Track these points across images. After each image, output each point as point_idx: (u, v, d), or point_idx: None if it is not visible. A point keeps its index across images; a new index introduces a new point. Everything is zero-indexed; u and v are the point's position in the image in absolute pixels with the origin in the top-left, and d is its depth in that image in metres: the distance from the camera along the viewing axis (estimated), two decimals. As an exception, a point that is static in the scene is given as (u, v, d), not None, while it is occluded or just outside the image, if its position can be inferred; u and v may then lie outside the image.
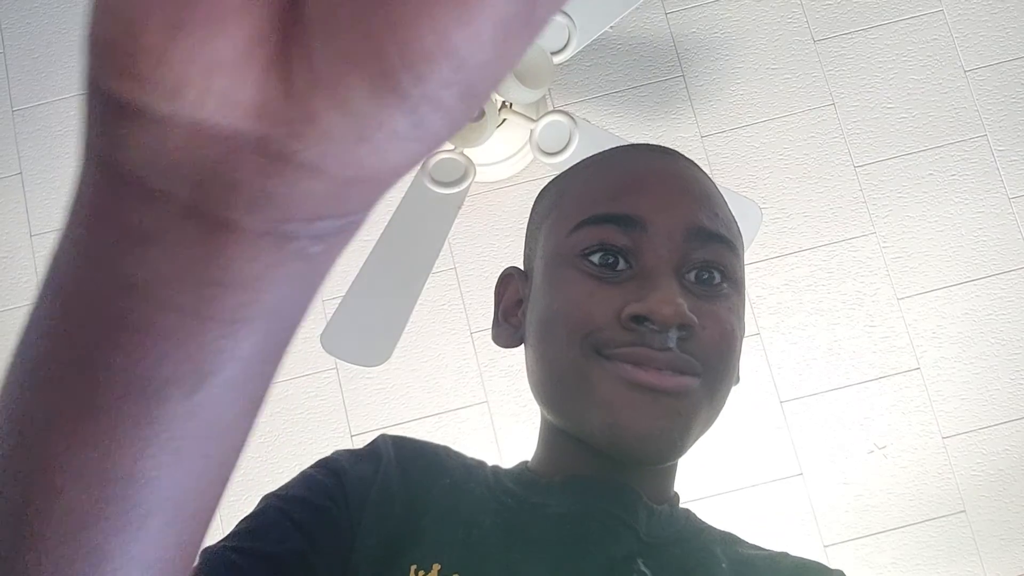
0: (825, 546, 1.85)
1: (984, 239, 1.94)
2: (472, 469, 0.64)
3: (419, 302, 1.67)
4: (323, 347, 1.68)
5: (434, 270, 1.67)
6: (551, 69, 1.53)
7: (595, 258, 0.58)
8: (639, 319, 0.55)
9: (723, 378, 0.58)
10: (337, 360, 1.84)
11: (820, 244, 1.94)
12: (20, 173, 2.01)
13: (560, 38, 1.60)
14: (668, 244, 0.57)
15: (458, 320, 1.92)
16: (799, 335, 1.92)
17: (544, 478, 0.62)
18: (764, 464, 1.88)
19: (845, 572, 0.59)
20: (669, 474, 0.63)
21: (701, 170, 0.64)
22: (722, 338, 0.57)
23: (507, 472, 0.64)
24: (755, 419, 1.90)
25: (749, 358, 1.91)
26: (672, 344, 0.54)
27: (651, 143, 0.67)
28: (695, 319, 0.55)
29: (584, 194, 0.62)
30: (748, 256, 1.85)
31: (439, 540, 0.56)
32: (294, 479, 0.63)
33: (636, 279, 0.57)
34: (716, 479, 1.88)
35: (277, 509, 0.58)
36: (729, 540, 0.62)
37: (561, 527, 0.57)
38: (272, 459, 1.90)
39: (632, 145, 0.66)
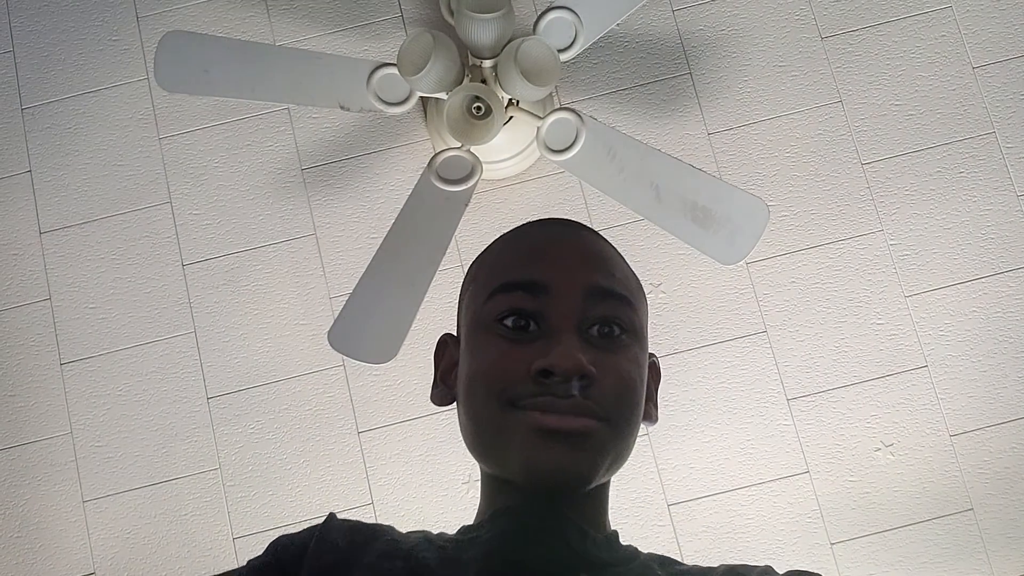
0: (832, 544, 1.85)
1: (992, 236, 1.93)
2: (412, 534, 0.70)
3: (426, 299, 1.67)
4: (330, 344, 1.69)
5: (441, 267, 1.67)
6: (558, 67, 1.53)
7: (508, 322, 0.66)
8: (545, 373, 0.62)
9: (625, 419, 0.65)
10: (344, 357, 1.85)
11: (827, 241, 1.94)
12: (29, 171, 2.02)
13: (567, 36, 1.60)
14: (569, 304, 0.65)
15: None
16: (806, 333, 1.92)
17: (477, 519, 0.70)
18: (771, 461, 1.88)
19: (773, 567, 0.64)
20: (596, 504, 0.69)
21: (601, 237, 0.73)
22: (620, 385, 0.65)
23: (446, 534, 0.71)
24: (762, 416, 1.90)
25: (756, 356, 1.91)
26: (575, 392, 0.62)
27: (556, 217, 0.75)
28: (593, 370, 0.63)
29: (495, 266, 0.70)
30: (755, 253, 1.85)
31: (378, 569, 0.64)
32: (240, 567, 0.70)
33: (543, 338, 0.64)
34: (722, 477, 1.88)
35: None
36: (668, 561, 0.68)
37: (491, 547, 0.64)
38: (280, 455, 1.91)
39: (539, 220, 0.74)
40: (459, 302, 0.76)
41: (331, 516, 0.72)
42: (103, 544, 1.89)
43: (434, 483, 1.89)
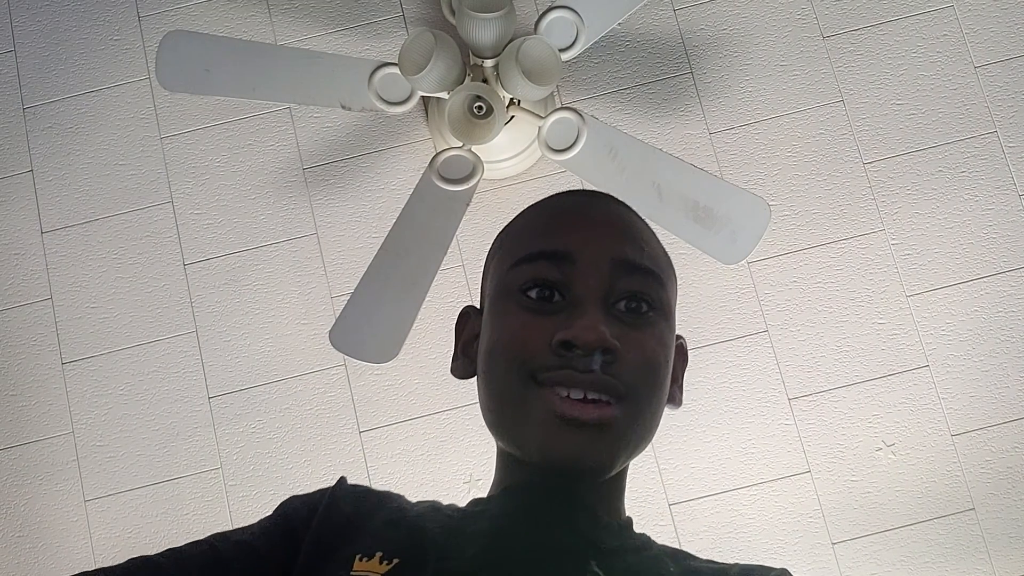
0: (833, 543, 1.84)
1: (994, 236, 1.93)
2: (421, 503, 0.70)
3: (427, 299, 1.67)
4: (332, 344, 1.69)
5: (442, 267, 1.67)
6: (559, 66, 1.53)
7: (533, 293, 0.64)
8: (567, 345, 0.60)
9: (648, 400, 0.63)
10: (346, 357, 1.85)
11: (829, 241, 1.94)
12: (31, 170, 2.02)
13: (568, 35, 1.60)
14: (595, 275, 0.63)
15: (466, 317, 1.92)
16: (807, 332, 1.92)
17: (489, 493, 0.69)
18: (772, 461, 1.88)
19: (790, 571, 0.62)
20: (612, 490, 0.67)
21: (631, 210, 0.71)
22: (644, 362, 0.62)
23: (455, 505, 0.71)
24: (763, 416, 1.89)
25: (757, 355, 1.91)
26: (596, 367, 0.60)
27: (584, 188, 0.71)
28: (617, 344, 0.60)
29: (521, 235, 0.69)
30: (756, 253, 1.85)
31: (383, 537, 0.63)
32: (250, 525, 0.70)
33: (567, 309, 0.62)
34: (724, 476, 1.88)
35: (210, 545, 0.67)
36: (681, 555, 0.66)
37: (497, 524, 0.63)
38: (281, 455, 1.91)
39: (568, 190, 0.73)
40: (484, 271, 0.74)
41: (342, 480, 0.72)
42: (104, 544, 1.89)
43: (435, 483, 1.89)
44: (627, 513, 0.69)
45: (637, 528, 0.68)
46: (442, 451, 1.90)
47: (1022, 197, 1.94)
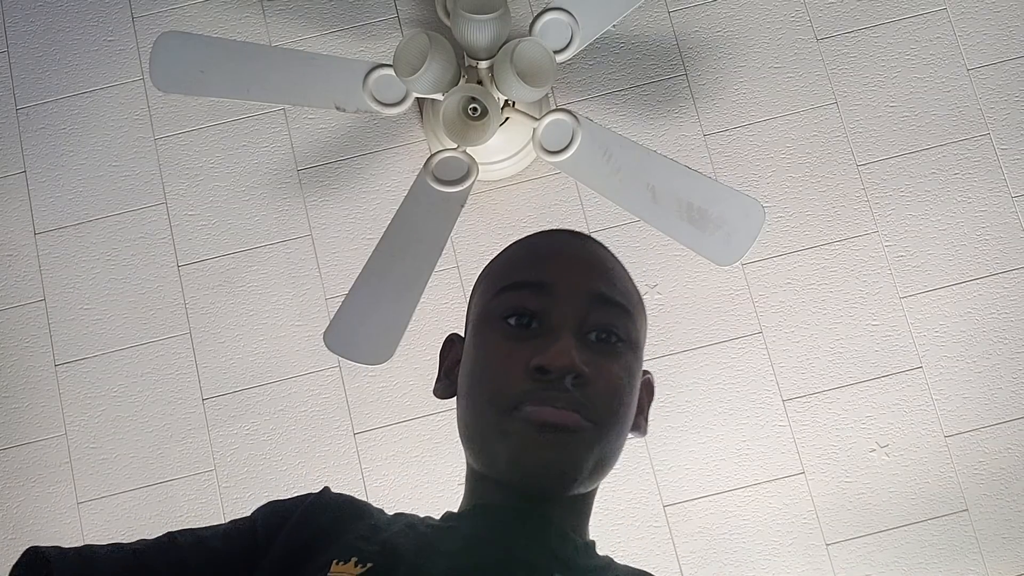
0: (827, 544, 1.85)
1: (987, 238, 1.94)
2: (398, 516, 0.73)
3: (422, 301, 1.67)
4: (326, 345, 1.69)
5: (437, 269, 1.67)
6: (554, 68, 1.53)
7: (512, 319, 0.68)
8: (542, 370, 0.64)
9: (612, 425, 0.67)
10: (340, 359, 1.85)
11: (822, 243, 1.94)
12: (24, 171, 2.01)
13: (563, 37, 1.60)
14: (571, 306, 0.68)
15: (461, 319, 1.92)
16: (801, 334, 1.92)
17: (460, 509, 0.73)
18: (766, 462, 1.89)
19: None
20: (578, 513, 0.71)
21: (607, 250, 0.76)
22: (609, 389, 0.67)
23: (432, 518, 0.74)
24: (757, 417, 1.90)
25: (751, 357, 1.91)
26: (570, 388, 0.64)
27: (566, 228, 0.78)
28: (585, 368, 0.65)
29: (505, 266, 0.74)
30: (750, 254, 1.85)
31: (357, 544, 0.66)
32: (214, 525, 0.72)
33: (543, 336, 0.67)
34: (718, 478, 1.88)
35: (171, 543, 0.69)
36: None
37: (468, 541, 0.67)
38: (276, 456, 1.91)
39: (550, 229, 0.78)
40: (468, 301, 0.79)
41: (325, 490, 0.75)
42: (98, 546, 1.89)
43: (430, 484, 1.88)
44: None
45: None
46: (437, 453, 1.90)
47: (1015, 199, 1.95)
